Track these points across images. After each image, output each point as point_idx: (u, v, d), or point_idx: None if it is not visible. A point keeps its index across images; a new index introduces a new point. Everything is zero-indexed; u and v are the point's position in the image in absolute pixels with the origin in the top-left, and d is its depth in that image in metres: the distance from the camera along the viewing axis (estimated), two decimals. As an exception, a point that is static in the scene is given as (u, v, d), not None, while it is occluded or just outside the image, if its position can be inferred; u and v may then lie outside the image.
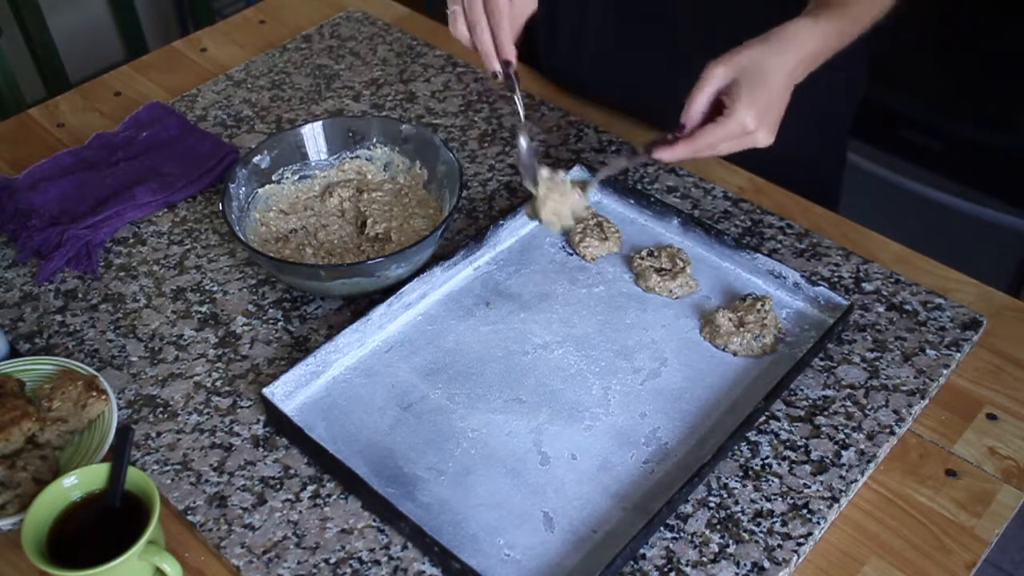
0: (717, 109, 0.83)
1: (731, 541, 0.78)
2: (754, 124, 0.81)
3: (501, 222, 1.02)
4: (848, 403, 0.87)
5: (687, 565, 0.77)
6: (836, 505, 0.80)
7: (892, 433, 0.85)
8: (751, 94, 0.81)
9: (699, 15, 1.11)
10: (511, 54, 0.88)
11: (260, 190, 1.04)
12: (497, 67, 0.89)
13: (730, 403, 0.88)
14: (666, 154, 0.85)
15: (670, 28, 1.13)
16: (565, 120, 1.19)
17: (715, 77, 0.82)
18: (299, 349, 0.94)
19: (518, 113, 0.93)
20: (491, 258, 1.02)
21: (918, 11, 0.94)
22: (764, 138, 0.83)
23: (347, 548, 0.78)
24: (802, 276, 0.95)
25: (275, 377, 0.87)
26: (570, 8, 1.18)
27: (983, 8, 1.64)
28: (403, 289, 0.94)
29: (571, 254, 1.03)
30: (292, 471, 0.84)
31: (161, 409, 0.89)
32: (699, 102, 0.83)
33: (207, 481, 0.83)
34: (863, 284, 0.98)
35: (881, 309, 0.96)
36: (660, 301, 0.97)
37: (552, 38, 1.24)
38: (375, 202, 1.04)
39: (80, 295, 1.00)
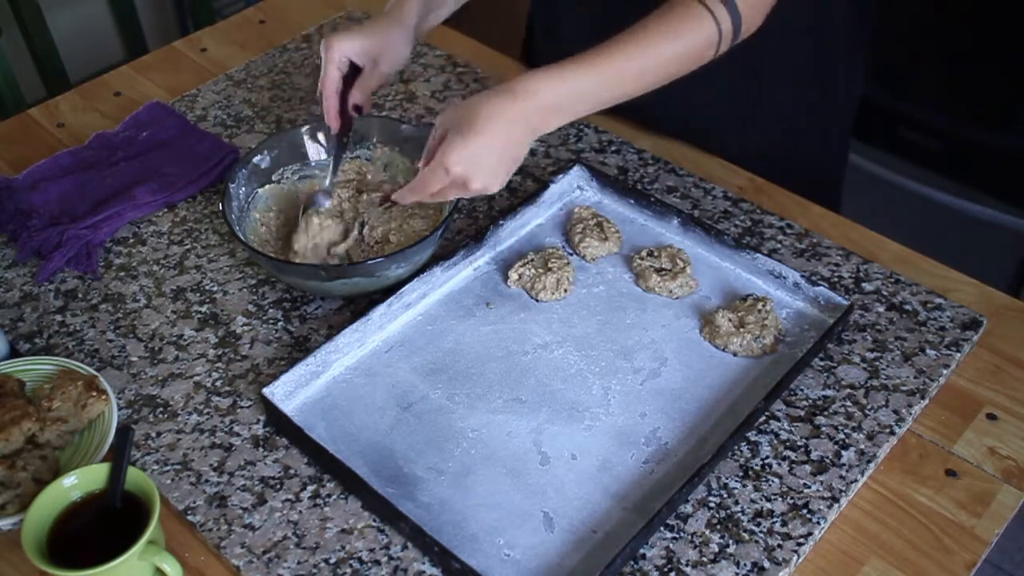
0: None
1: (731, 541, 0.78)
2: (459, 169, 0.81)
3: (501, 222, 1.02)
4: (848, 403, 0.87)
5: (687, 565, 0.77)
6: (836, 505, 0.80)
7: (892, 433, 0.85)
8: (456, 143, 0.81)
9: None
10: (332, 122, 0.99)
11: (260, 190, 1.04)
12: (333, 126, 1.00)
13: (730, 403, 0.88)
14: (397, 195, 0.88)
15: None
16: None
17: (437, 124, 0.85)
18: (299, 349, 0.94)
19: (332, 167, 1.02)
20: (491, 258, 1.02)
21: (918, 11, 0.93)
22: (481, 184, 0.83)
23: (347, 548, 0.78)
24: (802, 276, 0.95)
25: (275, 377, 0.87)
26: (569, 10, 1.18)
27: (983, 8, 1.64)
28: (403, 289, 0.94)
29: (571, 254, 1.03)
30: (292, 471, 0.84)
31: (161, 409, 0.89)
32: (428, 146, 0.86)
33: (207, 481, 0.83)
34: (863, 284, 0.98)
35: (881, 309, 0.96)
36: (660, 301, 0.97)
37: (549, 39, 1.24)
38: (374, 204, 1.04)
39: (80, 295, 1.00)
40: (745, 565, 0.76)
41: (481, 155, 0.81)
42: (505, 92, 0.82)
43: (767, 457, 0.84)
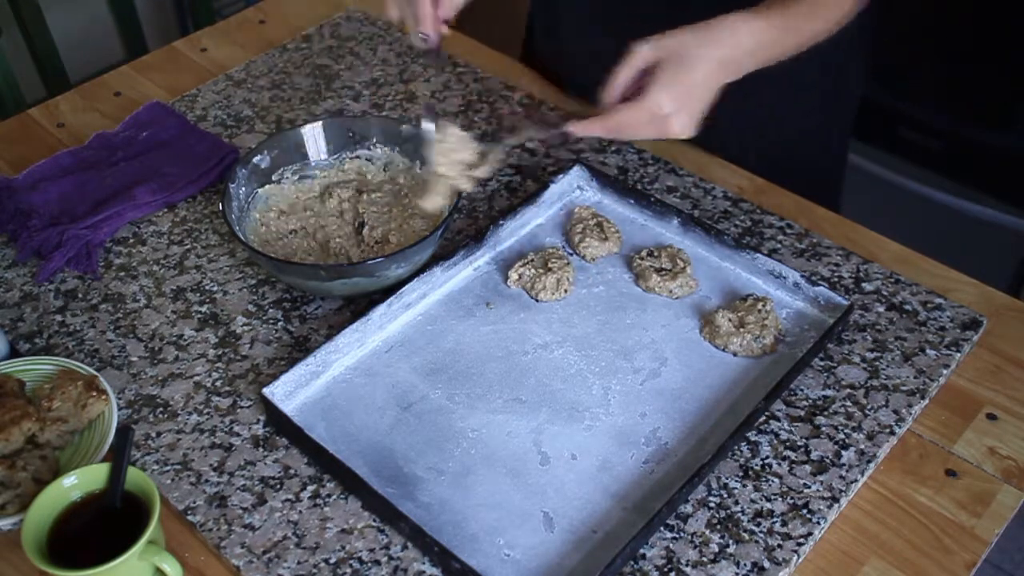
0: (638, 93, 0.82)
1: (731, 541, 0.78)
2: (669, 107, 0.80)
3: (501, 222, 1.02)
4: (848, 403, 0.87)
5: (687, 565, 0.77)
6: (836, 505, 0.80)
7: (892, 433, 0.85)
8: (671, 77, 0.79)
9: (693, 20, 1.11)
10: (428, 28, 0.90)
11: (260, 190, 1.04)
12: (418, 43, 0.92)
13: (730, 403, 0.88)
14: (579, 128, 0.84)
15: (656, 27, 1.13)
16: (564, 120, 1.19)
17: (638, 56, 0.81)
18: (299, 349, 0.94)
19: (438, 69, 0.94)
20: (491, 258, 1.02)
21: (918, 11, 0.94)
22: (681, 126, 0.81)
23: (347, 548, 0.78)
24: (802, 276, 0.95)
25: (275, 377, 0.87)
26: (569, 10, 1.18)
27: (983, 8, 1.64)
28: (403, 289, 0.94)
29: (571, 254, 1.03)
30: (292, 471, 0.84)
31: (161, 409, 0.89)
32: (620, 79, 0.82)
33: (207, 481, 0.83)
34: (863, 284, 0.98)
35: (881, 309, 0.96)
36: (660, 301, 0.97)
37: (549, 39, 1.24)
38: (374, 204, 1.04)
39: (80, 295, 1.00)
40: (745, 565, 0.76)
41: (692, 95, 0.80)
42: (711, 34, 0.80)
43: (767, 457, 0.84)
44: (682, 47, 0.80)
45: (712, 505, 0.80)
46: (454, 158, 0.91)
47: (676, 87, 0.79)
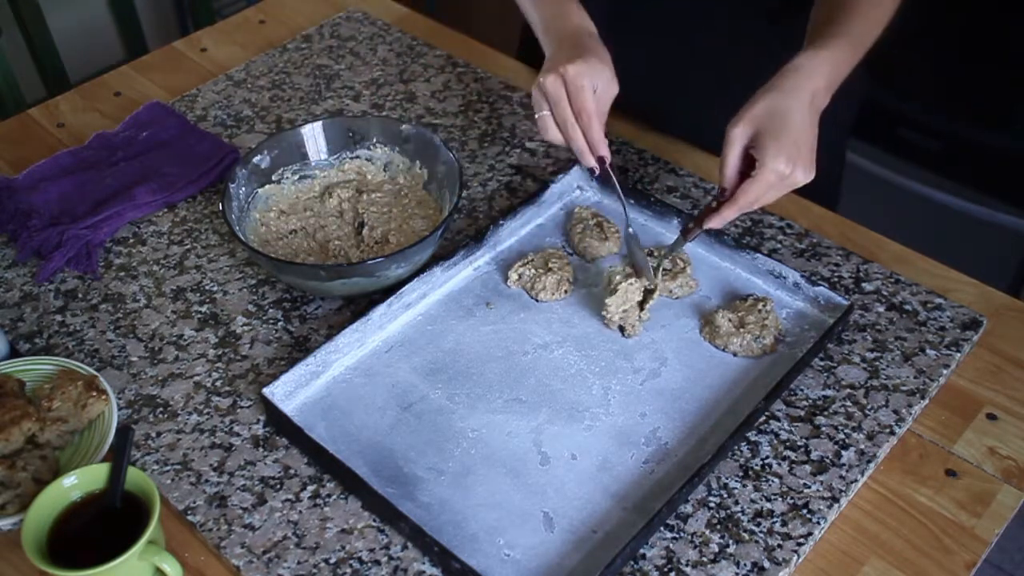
0: (751, 163, 0.85)
1: (731, 541, 0.78)
2: (787, 167, 0.82)
3: (501, 222, 1.02)
4: (848, 403, 0.87)
5: (687, 565, 0.77)
6: (836, 505, 0.80)
7: (892, 433, 0.85)
8: (776, 141, 0.82)
9: (694, 19, 1.11)
10: (605, 151, 0.91)
11: (260, 190, 1.04)
12: (593, 164, 0.92)
13: (730, 403, 0.88)
14: (715, 222, 0.88)
15: (667, 31, 1.13)
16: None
17: (737, 137, 0.84)
18: (299, 349, 0.94)
19: (622, 205, 0.97)
20: (491, 258, 1.02)
21: (918, 11, 0.94)
22: (803, 176, 0.84)
23: (347, 548, 0.78)
24: (802, 276, 0.95)
25: (275, 377, 0.87)
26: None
27: (982, 8, 1.64)
28: (403, 289, 0.94)
29: (571, 254, 1.03)
30: (292, 471, 0.84)
31: (161, 409, 0.89)
32: (730, 164, 0.85)
33: (207, 481, 0.83)
34: (863, 284, 0.98)
35: (881, 309, 0.96)
36: (660, 301, 0.97)
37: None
38: (374, 204, 1.04)
39: (80, 295, 1.00)
40: (745, 565, 0.76)
41: (800, 145, 0.83)
42: (790, 85, 0.84)
43: (767, 457, 0.84)
44: (771, 109, 0.83)
45: (712, 505, 0.80)
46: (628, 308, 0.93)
47: (785, 147, 0.82)
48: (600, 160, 0.92)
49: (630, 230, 0.95)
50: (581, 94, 0.88)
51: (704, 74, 1.13)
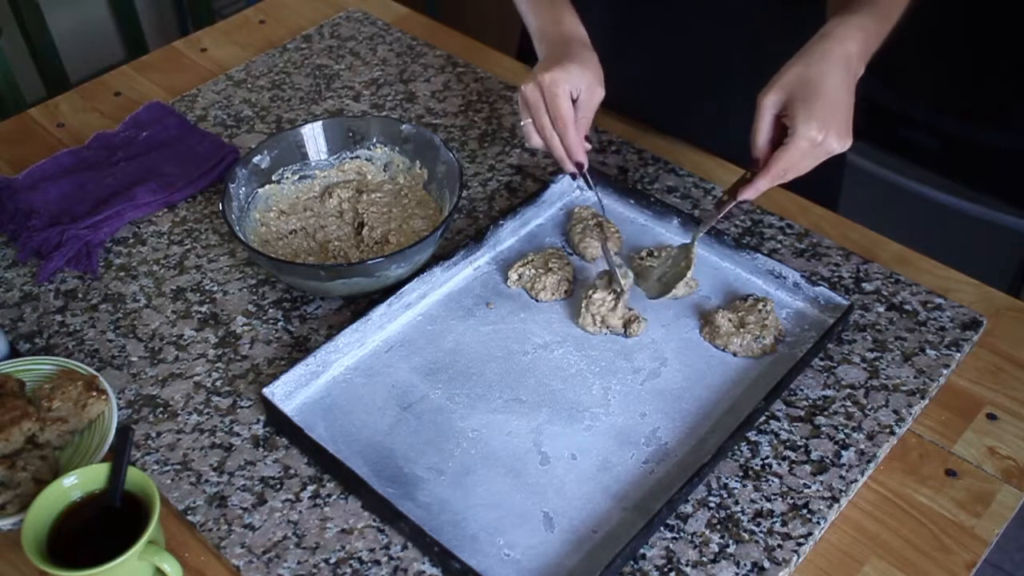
0: (783, 134, 0.84)
1: (731, 541, 0.78)
2: (820, 133, 0.81)
3: (501, 222, 1.02)
4: (848, 403, 0.87)
5: (687, 565, 0.77)
6: (836, 505, 0.80)
7: (892, 433, 0.85)
8: (808, 107, 0.81)
9: (696, 20, 1.11)
10: (582, 157, 0.93)
11: (260, 190, 1.04)
12: (572, 169, 0.94)
13: (730, 403, 0.88)
14: (749, 192, 0.87)
15: (667, 31, 1.13)
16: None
17: (768, 105, 0.84)
18: (299, 349, 0.94)
19: (600, 210, 1.00)
20: (491, 258, 1.02)
21: (917, 11, 0.94)
22: (837, 143, 0.82)
23: (347, 548, 0.78)
24: (802, 276, 0.95)
25: (275, 377, 0.87)
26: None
27: (982, 8, 1.64)
28: (403, 289, 0.94)
29: (571, 254, 1.03)
30: (292, 471, 0.84)
31: (161, 409, 0.89)
32: (762, 133, 0.85)
33: (207, 481, 0.83)
34: (863, 284, 0.98)
35: (881, 309, 0.96)
36: (660, 301, 0.97)
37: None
38: (373, 204, 1.04)
39: (80, 295, 1.00)
40: (745, 565, 0.76)
41: (834, 111, 0.81)
42: (820, 52, 0.82)
43: (767, 457, 0.84)
44: (802, 76, 0.82)
45: (712, 505, 0.80)
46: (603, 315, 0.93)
47: (817, 112, 0.81)
48: (578, 166, 0.93)
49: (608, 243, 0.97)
50: (556, 101, 0.89)
51: (712, 74, 1.13)
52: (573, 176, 0.95)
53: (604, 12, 1.16)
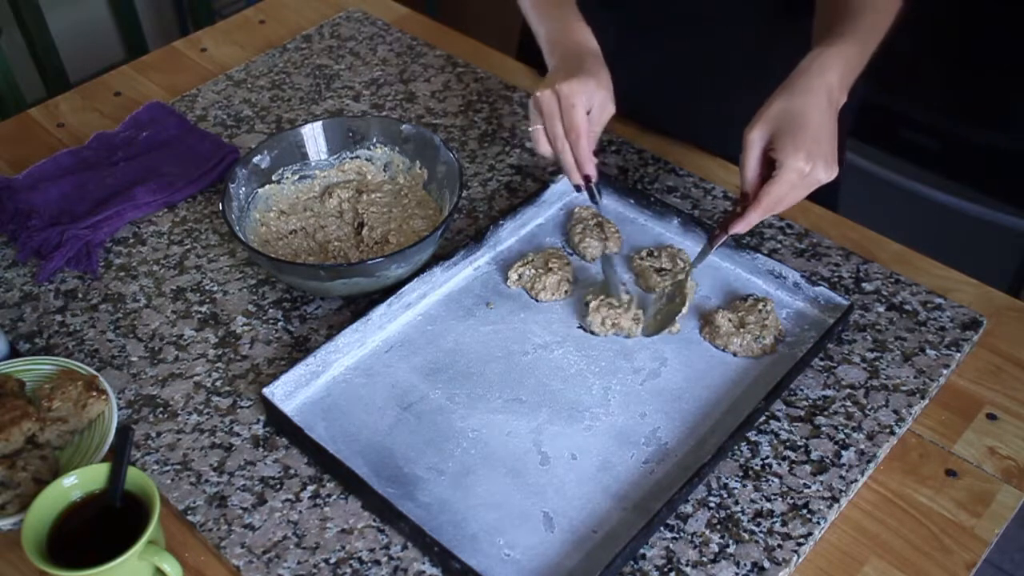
0: (772, 168, 0.84)
1: (731, 541, 0.78)
2: (808, 165, 0.82)
3: (501, 222, 1.02)
4: (848, 403, 0.87)
5: (687, 565, 0.77)
6: (836, 505, 0.80)
7: (892, 433, 0.85)
8: (794, 140, 0.82)
9: (698, 23, 1.11)
10: (591, 170, 0.93)
11: (260, 190, 1.04)
12: (579, 181, 0.94)
13: (730, 403, 0.88)
14: (740, 226, 0.87)
15: (670, 35, 1.13)
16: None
17: (755, 140, 0.84)
18: (299, 349, 0.94)
19: (600, 226, 0.99)
20: (491, 258, 1.02)
21: (917, 12, 0.94)
22: (824, 173, 0.83)
23: (347, 548, 0.78)
24: (802, 276, 0.95)
25: (275, 377, 0.87)
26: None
27: (982, 8, 1.64)
28: (403, 289, 0.94)
29: (571, 254, 1.03)
30: (292, 471, 0.84)
31: (161, 409, 0.89)
32: (750, 168, 0.85)
33: (207, 481, 0.83)
34: (863, 284, 0.98)
35: (881, 309, 0.96)
36: (660, 301, 0.97)
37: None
38: (373, 204, 1.04)
39: (80, 295, 1.00)
40: (745, 565, 0.76)
41: (818, 142, 0.82)
42: (802, 86, 0.84)
43: (767, 457, 0.84)
44: (787, 109, 0.83)
45: (712, 505, 0.80)
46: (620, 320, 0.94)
47: (803, 145, 0.82)
48: (586, 178, 0.93)
49: (608, 252, 0.98)
50: (572, 111, 0.89)
51: (717, 78, 1.13)
52: (578, 188, 0.95)
53: (607, 13, 1.16)
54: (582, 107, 0.90)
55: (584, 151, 0.91)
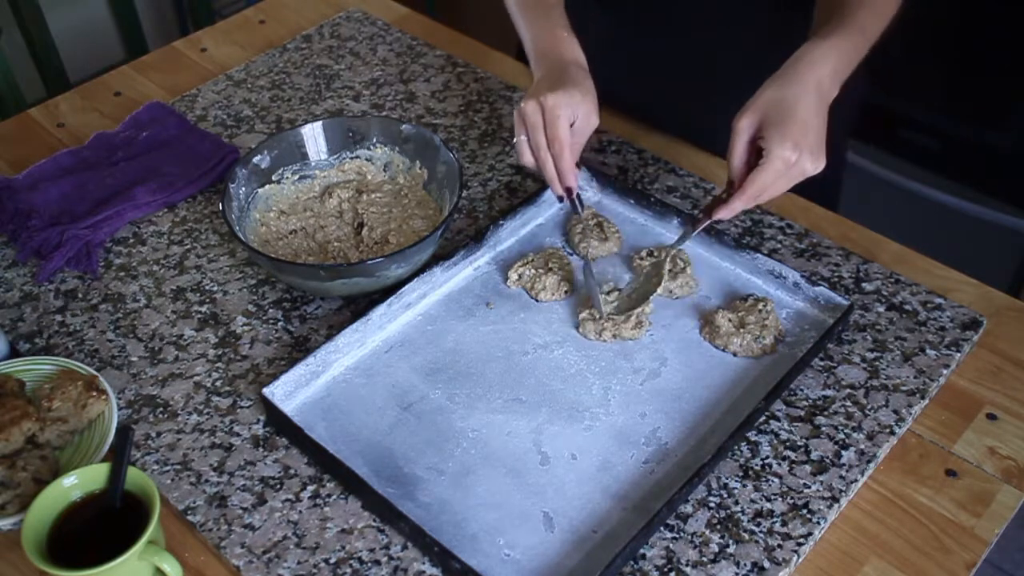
0: (758, 157, 0.85)
1: (731, 541, 0.78)
2: (793, 154, 0.82)
3: (501, 222, 1.02)
4: (848, 403, 0.87)
5: (687, 565, 0.77)
6: (836, 505, 0.80)
7: (892, 433, 0.85)
8: (781, 130, 0.82)
9: (696, 22, 1.11)
10: (573, 182, 0.93)
11: (260, 190, 1.04)
12: (560, 192, 0.94)
13: (730, 403, 0.88)
14: (724, 212, 0.88)
15: (668, 33, 1.13)
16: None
17: (743, 128, 0.84)
18: (299, 349, 0.94)
19: (583, 238, 1.00)
20: (491, 258, 1.02)
21: (916, 12, 0.94)
22: (811, 164, 0.83)
23: (347, 548, 0.78)
24: (802, 276, 0.95)
25: (275, 377, 0.87)
26: (571, 13, 1.18)
27: (982, 8, 1.64)
28: (403, 289, 0.94)
29: (571, 254, 1.03)
30: (292, 471, 0.84)
31: (161, 409, 0.89)
32: (737, 155, 0.86)
33: (207, 481, 0.83)
34: (863, 284, 0.98)
35: (881, 309, 0.96)
36: (660, 301, 0.97)
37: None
38: (373, 204, 1.04)
39: (80, 295, 1.00)
40: (745, 565, 0.76)
41: (806, 132, 0.82)
42: (794, 75, 0.84)
43: (767, 457, 0.84)
44: (776, 99, 0.83)
45: (712, 505, 0.80)
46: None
47: (790, 134, 0.82)
48: (567, 191, 0.94)
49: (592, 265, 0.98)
50: (556, 124, 0.89)
51: (712, 75, 1.13)
52: (560, 199, 0.95)
53: (604, 12, 1.16)
54: (566, 119, 0.90)
55: (567, 163, 0.92)
